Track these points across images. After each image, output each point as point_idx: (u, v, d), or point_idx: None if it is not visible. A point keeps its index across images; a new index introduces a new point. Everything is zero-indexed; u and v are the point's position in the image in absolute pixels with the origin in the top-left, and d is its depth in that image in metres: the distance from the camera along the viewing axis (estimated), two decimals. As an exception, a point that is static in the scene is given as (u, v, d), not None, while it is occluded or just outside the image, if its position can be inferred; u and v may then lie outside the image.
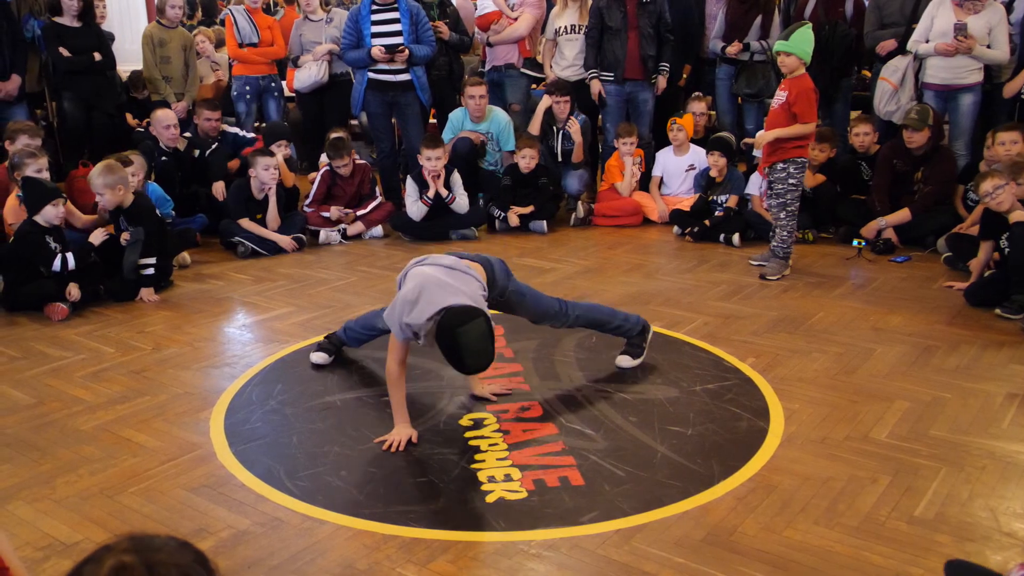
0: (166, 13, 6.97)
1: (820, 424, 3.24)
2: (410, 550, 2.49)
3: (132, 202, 4.84)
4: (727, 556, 2.44)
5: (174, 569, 1.16)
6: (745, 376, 3.69)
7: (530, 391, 3.56)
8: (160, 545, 1.19)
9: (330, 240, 6.05)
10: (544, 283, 5.03)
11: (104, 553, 1.16)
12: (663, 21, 6.52)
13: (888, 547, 2.46)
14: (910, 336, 4.13)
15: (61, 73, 6.51)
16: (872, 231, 5.66)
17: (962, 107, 5.94)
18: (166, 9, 6.96)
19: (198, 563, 1.21)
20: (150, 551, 1.17)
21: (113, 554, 1.16)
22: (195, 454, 3.08)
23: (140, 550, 1.17)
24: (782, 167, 5.01)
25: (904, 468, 2.90)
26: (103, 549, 1.17)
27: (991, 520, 2.60)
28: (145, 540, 1.19)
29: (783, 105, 4.92)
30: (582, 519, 2.63)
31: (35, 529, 2.61)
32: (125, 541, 1.18)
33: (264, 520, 2.66)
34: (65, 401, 3.53)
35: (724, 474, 2.87)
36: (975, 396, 3.46)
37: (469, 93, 6.49)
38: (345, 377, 3.73)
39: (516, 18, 6.83)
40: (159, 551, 1.18)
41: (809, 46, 4.87)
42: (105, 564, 1.15)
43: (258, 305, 4.75)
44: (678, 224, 6.12)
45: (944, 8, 5.87)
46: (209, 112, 6.48)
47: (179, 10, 7.04)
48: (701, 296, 4.78)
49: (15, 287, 4.60)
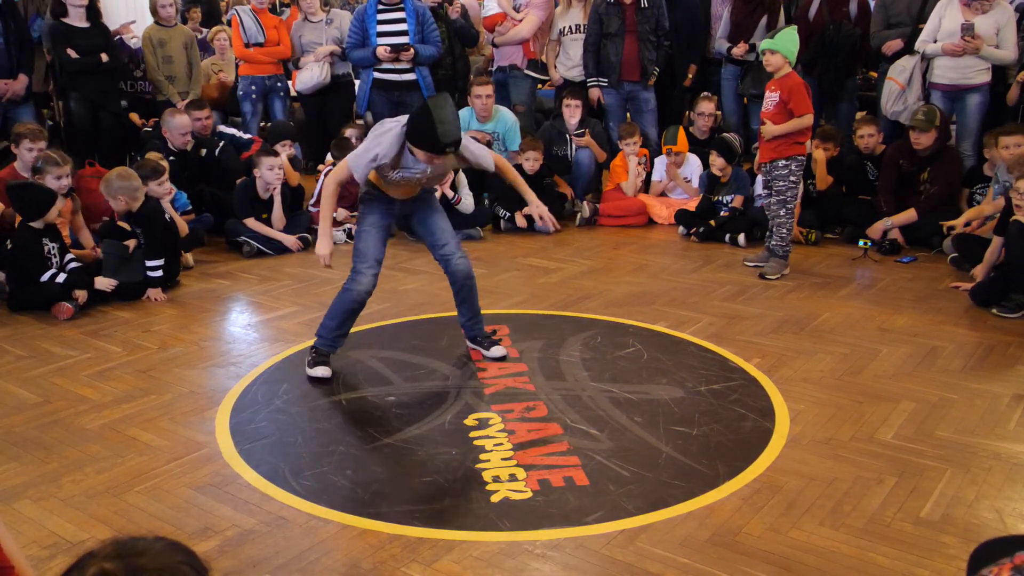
0: (159, 13, 7.00)
1: (825, 425, 3.23)
2: (415, 550, 2.49)
3: (140, 206, 4.84)
4: (732, 557, 2.43)
5: (156, 574, 1.15)
6: (750, 376, 3.68)
7: (535, 391, 3.56)
8: (144, 548, 1.18)
9: (335, 240, 6.05)
10: (549, 283, 5.04)
11: (88, 559, 1.16)
12: (660, 26, 6.53)
13: (894, 548, 2.46)
14: (916, 337, 4.12)
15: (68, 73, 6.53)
16: (878, 231, 5.65)
17: (969, 107, 5.92)
18: (158, 9, 7.00)
19: (186, 563, 1.19)
20: (133, 555, 1.16)
21: (96, 561, 1.15)
22: (200, 453, 3.08)
23: (123, 555, 1.16)
24: (784, 164, 5.00)
25: (910, 469, 2.89)
26: (87, 556, 1.17)
27: (997, 521, 2.59)
28: (129, 544, 1.18)
29: (778, 105, 4.92)
30: (587, 519, 2.63)
31: (41, 527, 2.62)
32: (109, 546, 1.17)
33: (269, 519, 2.66)
34: (71, 400, 3.54)
35: (729, 475, 2.87)
36: (981, 397, 3.45)
37: (476, 93, 6.50)
38: (350, 376, 3.74)
39: (520, 20, 6.83)
40: (142, 555, 1.17)
41: (794, 45, 4.89)
42: (87, 572, 1.14)
43: (263, 304, 4.76)
44: (683, 224, 6.11)
45: (952, 8, 5.85)
46: (197, 112, 6.48)
47: (171, 8, 7.07)
48: (706, 296, 4.77)
49: (21, 287, 4.61)
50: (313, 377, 3.69)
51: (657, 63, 6.58)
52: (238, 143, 6.64)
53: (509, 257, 5.66)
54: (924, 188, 5.72)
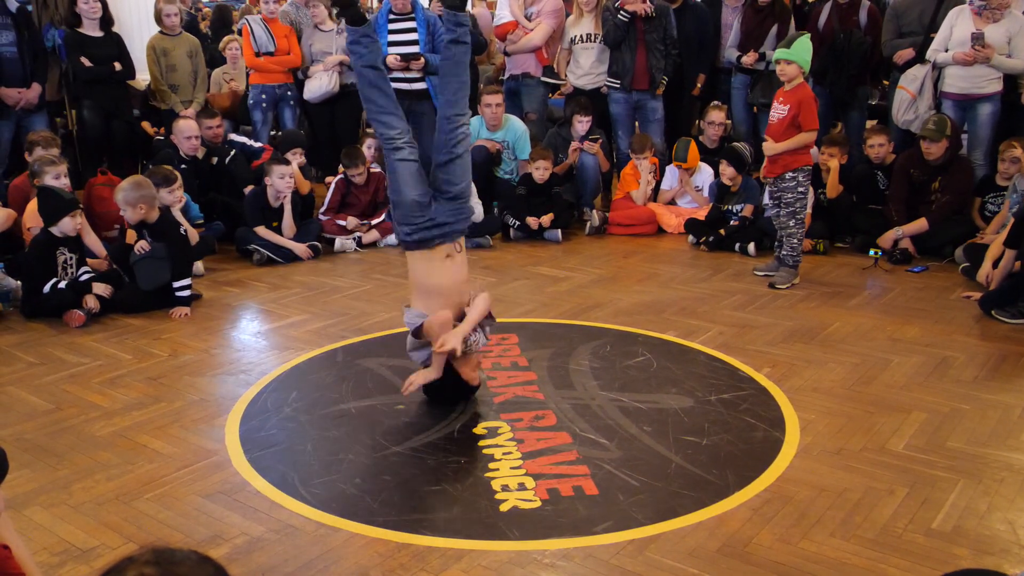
0: (164, 22, 7.05)
1: (836, 435, 3.22)
2: (423, 558, 2.49)
3: (157, 218, 4.85)
4: (742, 567, 2.42)
5: None
6: (760, 386, 3.67)
7: (544, 400, 3.56)
8: (181, 559, 1.21)
9: (345, 248, 6.08)
10: (558, 292, 5.03)
11: (127, 564, 1.18)
12: (668, 35, 6.54)
13: (905, 560, 2.44)
14: (927, 347, 4.10)
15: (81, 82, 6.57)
16: (889, 241, 5.63)
17: (980, 117, 5.90)
18: (163, 19, 7.05)
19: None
20: (171, 564, 1.19)
21: (135, 566, 1.17)
22: (210, 461, 3.09)
23: (162, 563, 1.18)
24: (791, 176, 4.99)
25: (921, 480, 2.88)
26: (126, 560, 1.19)
27: (1010, 533, 2.57)
28: (167, 553, 1.21)
29: (785, 119, 4.89)
30: (596, 529, 2.62)
31: (51, 534, 2.63)
32: (148, 553, 1.20)
33: (278, 527, 2.66)
34: (82, 407, 3.55)
35: (739, 484, 2.86)
36: (993, 408, 3.43)
37: (486, 102, 6.52)
38: (360, 384, 3.74)
39: (532, 29, 6.85)
40: (180, 564, 1.19)
41: (809, 55, 4.88)
42: (127, 575, 1.16)
43: (273, 312, 4.77)
44: (693, 233, 6.10)
45: (964, 17, 5.84)
46: (209, 120, 6.52)
47: (175, 17, 7.12)
48: (716, 305, 4.76)
49: (34, 294, 4.64)
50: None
51: (666, 72, 6.59)
52: (249, 151, 6.67)
53: (519, 266, 5.66)
54: (935, 198, 5.70)
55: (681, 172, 6.54)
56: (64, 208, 4.63)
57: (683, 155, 6.45)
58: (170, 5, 7.08)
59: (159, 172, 5.31)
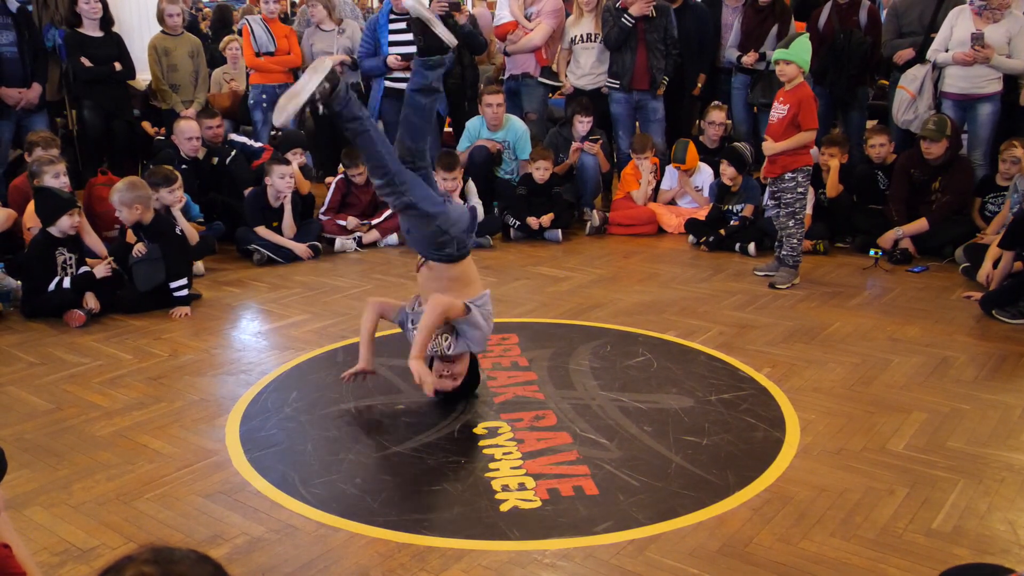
0: (166, 22, 7.06)
1: (836, 435, 3.22)
2: (424, 558, 2.49)
3: (152, 219, 4.85)
4: (742, 567, 2.42)
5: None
6: (761, 386, 3.67)
7: (544, 400, 3.56)
8: (180, 558, 1.21)
9: (345, 248, 6.08)
10: (559, 292, 5.04)
11: (126, 563, 1.18)
12: (669, 35, 6.54)
13: (905, 560, 2.44)
14: (928, 347, 4.10)
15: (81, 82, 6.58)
16: (889, 241, 5.63)
17: (980, 117, 5.90)
18: (165, 18, 7.05)
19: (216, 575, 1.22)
20: (170, 563, 1.19)
21: (134, 565, 1.18)
22: (211, 461, 3.09)
23: (161, 562, 1.19)
24: (791, 177, 5.00)
25: (922, 480, 2.88)
26: (125, 559, 1.19)
27: (1010, 533, 2.58)
28: (166, 552, 1.21)
29: (784, 119, 4.89)
30: (596, 529, 2.62)
31: (51, 534, 2.63)
32: (147, 552, 1.20)
33: (279, 527, 2.66)
34: (82, 407, 3.55)
35: (739, 485, 2.86)
36: (994, 408, 3.43)
37: (487, 102, 6.52)
38: (360, 385, 3.74)
39: (532, 29, 6.85)
40: (179, 563, 1.20)
41: (808, 55, 4.88)
42: (126, 574, 1.17)
43: (274, 312, 4.77)
44: (693, 233, 6.10)
45: (964, 17, 5.84)
46: (209, 121, 6.52)
47: (178, 18, 7.12)
48: (716, 305, 4.76)
49: (34, 294, 4.64)
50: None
51: (666, 72, 6.59)
52: (249, 152, 6.67)
53: (519, 266, 5.66)
54: (936, 198, 5.70)
55: (680, 173, 6.54)
56: (61, 208, 4.62)
57: (681, 156, 6.45)
58: (173, 5, 7.09)
59: (159, 172, 5.31)
